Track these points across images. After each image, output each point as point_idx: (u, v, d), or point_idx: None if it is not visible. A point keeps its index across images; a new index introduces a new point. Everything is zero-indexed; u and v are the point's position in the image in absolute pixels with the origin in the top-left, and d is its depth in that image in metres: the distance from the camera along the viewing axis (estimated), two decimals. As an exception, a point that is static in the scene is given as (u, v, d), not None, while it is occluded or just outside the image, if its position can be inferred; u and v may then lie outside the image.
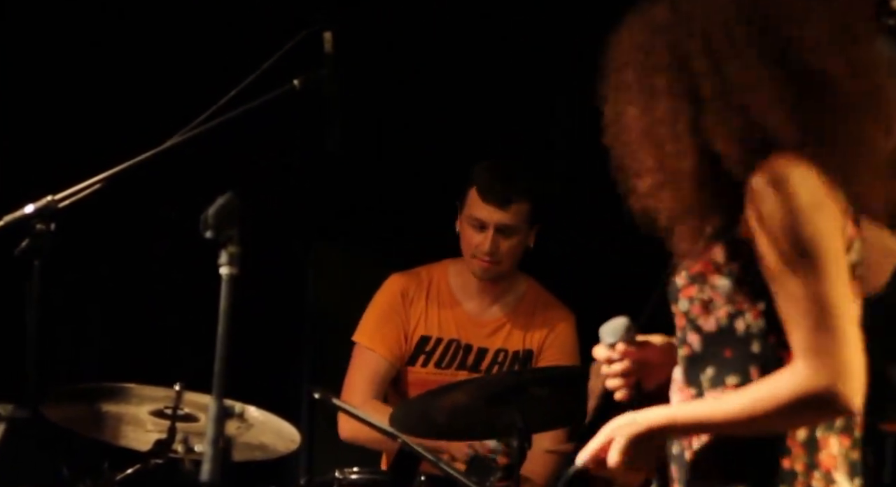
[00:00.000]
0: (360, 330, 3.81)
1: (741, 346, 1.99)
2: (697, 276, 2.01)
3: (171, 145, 2.71)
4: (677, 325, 2.06)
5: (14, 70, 4.05)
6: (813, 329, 1.91)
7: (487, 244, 3.66)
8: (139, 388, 3.01)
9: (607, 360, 2.17)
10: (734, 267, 1.97)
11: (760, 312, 1.97)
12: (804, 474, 1.97)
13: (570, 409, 3.36)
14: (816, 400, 1.91)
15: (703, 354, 2.02)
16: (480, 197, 3.68)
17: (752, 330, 1.98)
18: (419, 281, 3.83)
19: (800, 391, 1.91)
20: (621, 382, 2.16)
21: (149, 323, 4.21)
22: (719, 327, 2.00)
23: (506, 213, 3.67)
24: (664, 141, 1.97)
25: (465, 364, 3.78)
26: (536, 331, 3.79)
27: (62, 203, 2.62)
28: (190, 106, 2.75)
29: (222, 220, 2.09)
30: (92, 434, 3.12)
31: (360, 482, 3.21)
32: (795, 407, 1.92)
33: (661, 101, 1.97)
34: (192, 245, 2.32)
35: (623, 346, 2.15)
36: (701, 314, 2.01)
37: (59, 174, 2.74)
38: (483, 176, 3.70)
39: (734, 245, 1.97)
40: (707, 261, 1.99)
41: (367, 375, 3.75)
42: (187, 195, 2.97)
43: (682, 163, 1.96)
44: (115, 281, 4.19)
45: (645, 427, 2.00)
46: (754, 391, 1.95)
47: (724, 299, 1.99)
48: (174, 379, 3.00)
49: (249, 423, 3.08)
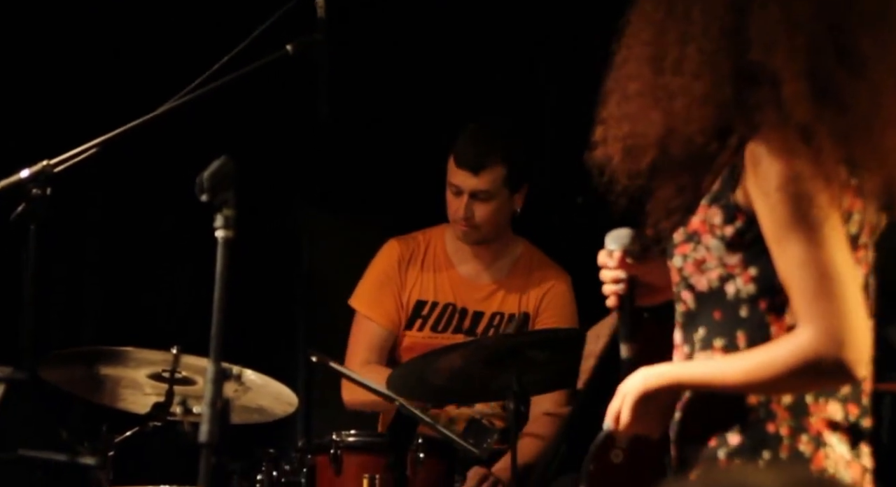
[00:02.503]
0: (358, 297, 3.83)
1: (730, 310, 1.99)
2: (693, 235, 2.00)
3: (165, 110, 2.71)
4: (672, 280, 2.06)
5: (6, 34, 4.04)
6: (815, 295, 1.90)
7: (462, 210, 3.67)
8: (136, 352, 3.02)
9: (604, 266, 2.17)
10: (728, 232, 1.97)
11: (752, 277, 1.97)
12: (790, 437, 1.96)
13: (569, 372, 3.36)
14: (820, 367, 1.91)
15: (697, 313, 2.03)
16: (455, 162, 3.68)
17: (742, 294, 1.98)
18: (416, 245, 3.84)
19: (803, 358, 1.91)
20: (612, 290, 2.16)
21: (145, 287, 4.22)
22: (710, 288, 2.00)
23: (478, 179, 3.66)
24: (677, 91, 1.94)
25: (462, 327, 3.79)
26: (533, 293, 3.79)
27: (58, 168, 2.62)
28: (184, 71, 2.74)
29: (218, 183, 2.09)
30: (90, 398, 3.13)
31: (357, 444, 3.21)
32: (799, 374, 1.92)
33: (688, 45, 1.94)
34: (188, 209, 2.33)
35: (619, 255, 2.14)
36: (694, 273, 2.02)
37: (55, 139, 2.74)
38: (459, 142, 3.70)
39: (729, 210, 1.97)
40: (703, 221, 1.99)
41: (366, 343, 3.77)
42: (181, 160, 2.97)
43: (691, 113, 1.94)
44: (111, 244, 4.20)
45: (652, 385, 2.01)
46: (759, 355, 1.94)
47: (716, 261, 1.99)
48: (171, 343, 3.01)
49: (247, 386, 3.09)
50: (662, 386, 2.02)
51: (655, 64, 1.97)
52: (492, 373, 3.24)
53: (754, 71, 1.92)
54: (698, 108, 1.94)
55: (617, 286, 2.15)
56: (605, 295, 2.18)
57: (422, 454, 3.20)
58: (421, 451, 3.20)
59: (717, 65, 1.93)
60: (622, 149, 2.01)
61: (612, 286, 2.16)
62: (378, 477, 3.17)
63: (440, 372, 3.31)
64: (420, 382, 3.30)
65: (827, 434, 1.97)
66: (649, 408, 2.02)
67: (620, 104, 2.01)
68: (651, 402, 2.02)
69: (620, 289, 2.15)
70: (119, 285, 4.18)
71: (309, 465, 3.21)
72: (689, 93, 1.94)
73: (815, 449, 1.96)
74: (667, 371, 2.03)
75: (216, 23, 3.88)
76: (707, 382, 1.99)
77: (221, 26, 3.34)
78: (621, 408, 2.03)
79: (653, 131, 1.97)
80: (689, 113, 1.94)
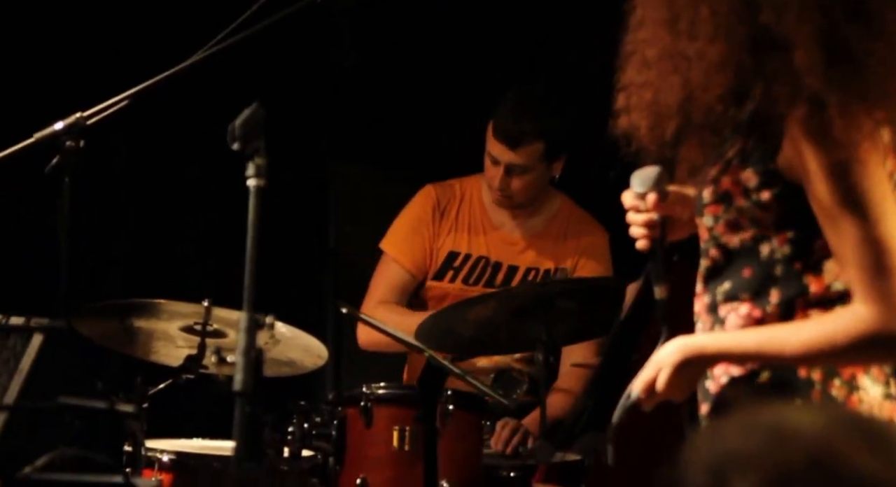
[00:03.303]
0: (389, 239, 3.81)
1: (762, 268, 1.98)
2: (724, 195, 1.99)
3: (193, 61, 2.71)
4: (700, 237, 2.05)
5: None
6: (872, 273, 1.89)
7: (497, 180, 3.66)
8: (168, 304, 3.02)
9: (634, 209, 2.14)
10: (765, 196, 1.96)
11: (788, 239, 1.97)
12: (822, 382, 1.95)
13: (599, 322, 3.35)
14: (878, 344, 1.90)
15: (723, 268, 2.02)
16: (493, 133, 3.64)
17: (777, 255, 1.97)
18: (452, 194, 3.81)
19: (861, 335, 1.90)
20: (644, 233, 2.14)
21: (176, 240, 4.23)
22: (743, 246, 1.99)
23: (516, 154, 3.63)
24: (694, 56, 1.92)
25: (494, 281, 3.77)
26: (570, 248, 3.77)
27: (90, 120, 2.63)
28: (212, 22, 2.74)
29: (249, 132, 2.10)
30: (124, 350, 3.15)
31: (387, 396, 3.22)
32: (856, 350, 1.91)
33: (700, 6, 1.92)
34: (217, 161, 2.33)
35: (653, 197, 2.11)
36: (725, 233, 2.00)
37: (87, 91, 2.75)
38: (499, 111, 3.64)
39: (768, 175, 1.95)
40: (736, 183, 1.98)
41: (388, 285, 3.76)
42: (210, 112, 2.97)
43: (709, 79, 1.91)
44: (142, 197, 4.21)
45: (693, 355, 1.97)
46: (812, 329, 1.93)
47: (749, 223, 1.98)
48: (202, 296, 3.02)
49: (277, 339, 3.10)
50: (706, 355, 1.98)
51: (671, 26, 1.95)
52: (521, 324, 3.24)
53: (770, 36, 1.90)
54: (715, 75, 1.92)
55: (651, 229, 2.13)
56: (634, 238, 2.15)
57: (451, 406, 3.20)
58: (450, 403, 3.20)
59: (730, 28, 1.91)
60: (648, 117, 1.99)
61: (645, 229, 2.14)
62: (408, 429, 3.18)
63: (469, 322, 3.31)
64: (448, 333, 3.31)
65: (861, 377, 1.97)
66: (683, 379, 1.99)
67: (641, 71, 1.99)
68: (692, 371, 1.99)
69: (654, 232, 2.12)
70: (149, 237, 4.20)
71: (339, 417, 3.22)
72: (704, 59, 1.92)
73: (849, 394, 1.96)
74: (709, 343, 1.99)
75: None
76: (759, 354, 1.96)
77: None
78: (655, 379, 1.99)
79: (674, 98, 1.95)
80: (707, 80, 1.93)
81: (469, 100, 4.02)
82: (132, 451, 2.92)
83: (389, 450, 3.17)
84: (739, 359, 1.99)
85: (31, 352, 2.51)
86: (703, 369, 2.01)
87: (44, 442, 2.31)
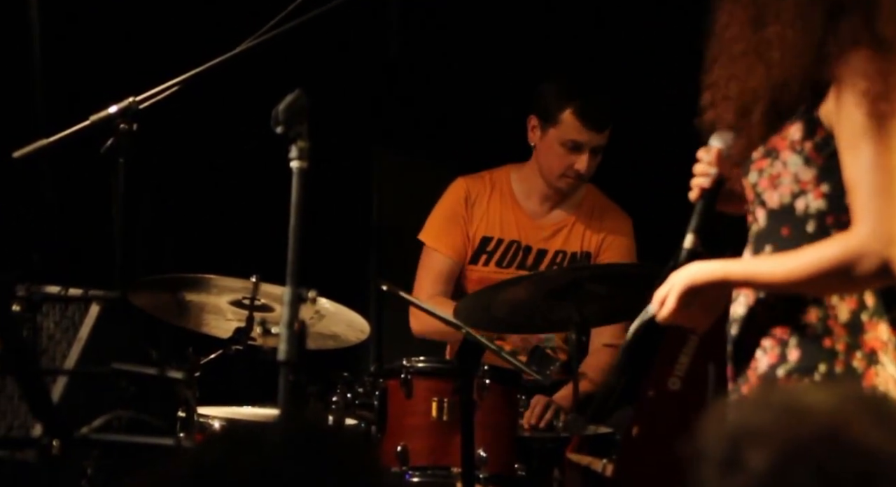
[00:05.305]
0: (427, 231, 3.96)
1: (798, 225, 2.05)
2: (771, 150, 2.07)
3: (242, 50, 2.82)
4: (747, 199, 2.13)
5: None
6: (875, 194, 1.95)
7: (585, 165, 3.79)
8: (218, 279, 3.12)
9: (699, 159, 2.21)
10: (807, 147, 2.03)
11: (823, 193, 2.03)
12: (845, 353, 2.02)
13: (628, 305, 3.43)
14: (862, 263, 1.95)
15: (766, 231, 2.09)
16: (580, 121, 3.78)
17: (811, 210, 2.04)
18: (482, 183, 3.96)
19: (848, 251, 1.96)
20: (699, 182, 2.20)
21: (228, 218, 4.33)
22: (781, 204, 2.07)
23: (602, 135, 3.80)
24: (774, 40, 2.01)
25: (525, 264, 3.91)
26: (595, 234, 3.91)
27: (143, 104, 2.75)
28: (261, 11, 2.85)
29: (292, 116, 2.19)
30: (176, 322, 3.25)
31: (426, 370, 3.32)
32: (841, 271, 1.96)
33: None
34: (263, 145, 2.43)
35: (716, 150, 2.17)
36: (767, 188, 2.08)
37: (140, 77, 2.87)
38: (579, 100, 3.78)
39: (811, 123, 2.03)
40: (784, 138, 2.05)
41: (433, 274, 3.91)
42: (258, 98, 3.08)
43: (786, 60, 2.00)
44: (194, 178, 4.31)
45: (700, 280, 2.08)
46: (807, 254, 2.00)
47: (790, 176, 2.05)
48: (251, 272, 3.12)
49: (322, 314, 3.20)
50: (709, 281, 2.07)
51: (757, 22, 2.04)
52: (553, 305, 3.32)
53: (844, 4, 1.99)
54: (792, 57, 2.01)
55: (704, 179, 2.20)
56: (689, 187, 2.22)
57: (487, 380, 3.29)
58: (486, 378, 3.30)
59: (809, 10, 2.00)
60: (734, 108, 2.08)
61: (699, 179, 2.21)
62: (446, 401, 3.28)
63: (504, 303, 3.41)
64: (485, 313, 3.40)
65: (881, 353, 2.03)
66: (694, 301, 2.08)
67: (726, 66, 2.08)
68: (697, 296, 2.08)
69: (706, 182, 2.19)
70: (202, 215, 4.31)
71: (381, 388, 3.32)
72: (784, 41, 2.01)
73: (868, 366, 2.03)
74: (716, 267, 2.08)
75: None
76: (756, 277, 2.05)
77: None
78: (668, 295, 2.10)
79: (759, 84, 2.04)
80: (785, 60, 2.01)
81: (510, 91, 4.10)
82: (185, 416, 3.03)
83: (428, 420, 3.28)
84: (738, 284, 2.07)
85: (89, 322, 2.61)
86: (710, 293, 2.08)
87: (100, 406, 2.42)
